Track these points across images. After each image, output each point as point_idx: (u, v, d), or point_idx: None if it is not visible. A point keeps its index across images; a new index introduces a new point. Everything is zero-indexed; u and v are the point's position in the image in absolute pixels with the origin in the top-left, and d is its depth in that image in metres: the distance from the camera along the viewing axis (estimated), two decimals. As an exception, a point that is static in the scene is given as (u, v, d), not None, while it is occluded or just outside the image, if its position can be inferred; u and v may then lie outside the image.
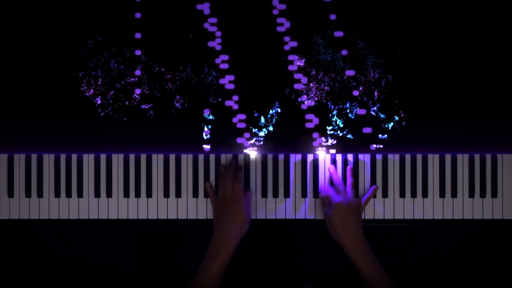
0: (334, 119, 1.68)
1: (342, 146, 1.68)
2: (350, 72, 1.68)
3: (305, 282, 1.62)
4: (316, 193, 1.68)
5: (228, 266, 1.53)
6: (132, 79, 1.68)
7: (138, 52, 1.68)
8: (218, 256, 1.53)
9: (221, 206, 1.59)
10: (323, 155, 1.67)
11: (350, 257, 1.54)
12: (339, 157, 1.67)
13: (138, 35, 1.68)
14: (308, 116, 1.68)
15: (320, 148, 1.68)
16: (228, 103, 1.69)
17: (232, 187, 1.59)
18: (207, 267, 1.53)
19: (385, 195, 1.67)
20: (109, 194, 1.67)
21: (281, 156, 1.68)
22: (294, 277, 1.74)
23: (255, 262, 1.76)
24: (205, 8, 1.67)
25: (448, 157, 1.67)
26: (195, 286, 1.51)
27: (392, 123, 1.68)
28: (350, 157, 1.67)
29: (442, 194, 1.67)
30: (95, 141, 1.68)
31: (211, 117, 1.69)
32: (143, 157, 1.68)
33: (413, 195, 1.67)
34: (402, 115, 1.68)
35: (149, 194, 1.67)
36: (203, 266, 1.53)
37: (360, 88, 1.68)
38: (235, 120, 1.69)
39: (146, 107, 1.68)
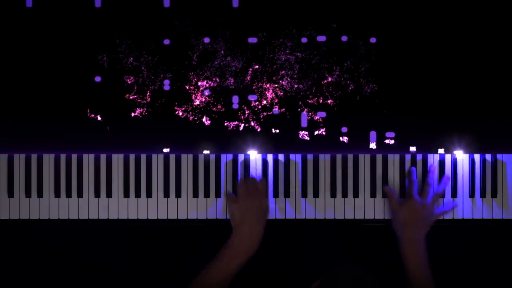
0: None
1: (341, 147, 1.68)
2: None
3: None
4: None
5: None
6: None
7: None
8: (240, 253, 1.50)
9: (246, 203, 1.56)
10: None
11: (401, 253, 1.55)
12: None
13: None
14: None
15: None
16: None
17: (257, 188, 1.59)
18: (220, 266, 1.49)
19: (385, 195, 1.67)
20: (109, 194, 1.67)
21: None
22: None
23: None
24: None
25: (448, 157, 1.67)
26: (201, 285, 1.48)
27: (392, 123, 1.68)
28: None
29: (442, 194, 1.66)
30: (95, 141, 1.68)
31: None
32: (143, 157, 1.68)
33: (413, 195, 1.67)
34: (396, 115, 1.68)
35: (149, 194, 1.67)
36: (215, 265, 1.49)
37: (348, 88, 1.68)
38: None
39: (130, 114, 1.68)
